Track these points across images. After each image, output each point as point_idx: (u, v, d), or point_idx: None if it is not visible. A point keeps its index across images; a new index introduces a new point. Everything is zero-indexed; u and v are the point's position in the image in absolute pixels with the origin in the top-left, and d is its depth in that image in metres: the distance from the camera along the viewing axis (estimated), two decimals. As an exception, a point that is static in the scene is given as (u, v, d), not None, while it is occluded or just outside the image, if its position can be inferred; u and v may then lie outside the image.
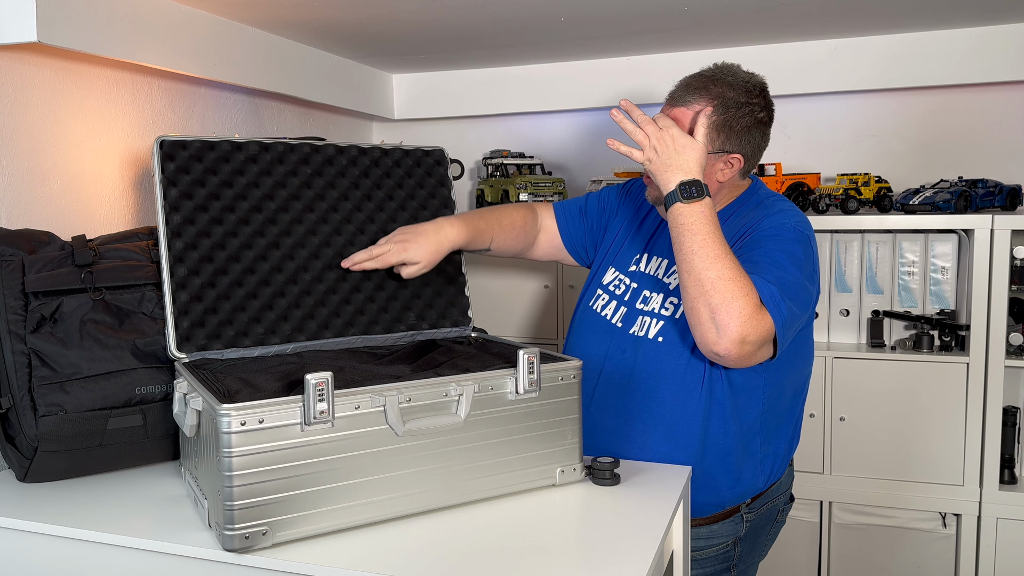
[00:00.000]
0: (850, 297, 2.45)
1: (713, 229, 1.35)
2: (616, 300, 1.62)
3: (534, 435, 1.32)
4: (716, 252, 1.33)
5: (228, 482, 1.09)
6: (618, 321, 1.59)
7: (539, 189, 2.75)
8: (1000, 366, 2.21)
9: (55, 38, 1.54)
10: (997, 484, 2.23)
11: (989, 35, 2.34)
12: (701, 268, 1.33)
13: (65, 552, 1.23)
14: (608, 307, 1.63)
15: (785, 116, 2.69)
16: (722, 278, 1.31)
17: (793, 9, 2.10)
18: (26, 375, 1.34)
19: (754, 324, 1.31)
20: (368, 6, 1.98)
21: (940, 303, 2.37)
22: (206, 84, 2.17)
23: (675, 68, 2.65)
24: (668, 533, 1.24)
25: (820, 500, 2.42)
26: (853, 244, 2.44)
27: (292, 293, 1.52)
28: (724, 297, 1.31)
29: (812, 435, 2.39)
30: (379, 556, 1.10)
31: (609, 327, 1.60)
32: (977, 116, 2.51)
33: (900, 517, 2.35)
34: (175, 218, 1.44)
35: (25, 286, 1.37)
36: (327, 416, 1.14)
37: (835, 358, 2.36)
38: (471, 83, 2.86)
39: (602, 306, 1.64)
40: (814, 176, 2.52)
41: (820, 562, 2.45)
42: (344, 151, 1.64)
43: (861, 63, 2.46)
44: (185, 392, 1.27)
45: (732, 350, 1.31)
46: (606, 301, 1.64)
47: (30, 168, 1.67)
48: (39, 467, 1.36)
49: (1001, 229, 2.18)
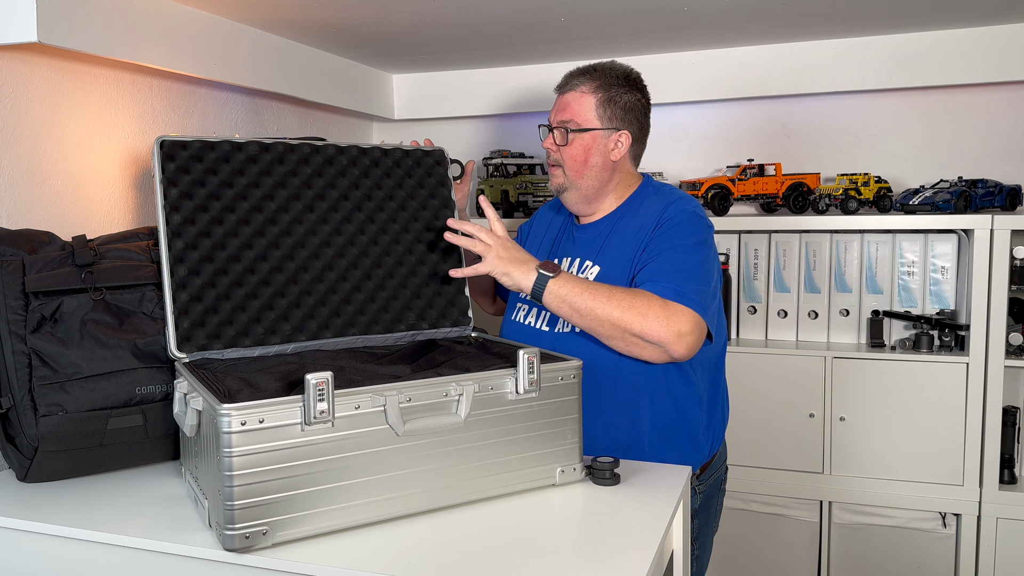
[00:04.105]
0: (850, 297, 2.46)
1: (584, 282, 1.50)
2: (536, 307, 1.70)
3: (534, 435, 1.32)
4: (603, 296, 1.47)
5: (228, 482, 1.09)
6: (543, 325, 1.67)
7: (539, 189, 2.75)
8: (1000, 366, 2.21)
9: (55, 38, 1.54)
10: (997, 484, 2.23)
11: (989, 35, 2.34)
12: (605, 314, 1.47)
13: (65, 552, 1.23)
14: (530, 315, 1.71)
15: (785, 116, 2.70)
16: (624, 309, 1.46)
17: (793, 9, 2.10)
18: (26, 375, 1.34)
19: (675, 319, 1.45)
20: (368, 6, 1.98)
21: (940, 303, 2.37)
22: (206, 84, 2.17)
23: (675, 68, 2.68)
24: (668, 533, 1.24)
25: (820, 500, 2.42)
26: (853, 244, 2.44)
27: (292, 293, 1.52)
28: (637, 320, 1.45)
29: (812, 435, 2.40)
30: (379, 556, 1.10)
31: (534, 332, 1.69)
32: (977, 116, 2.51)
33: (900, 517, 2.35)
34: (175, 218, 1.44)
35: (25, 286, 1.37)
36: (327, 416, 1.14)
37: (835, 358, 2.36)
38: (471, 83, 2.86)
39: (524, 316, 1.73)
40: (814, 176, 2.52)
41: (820, 562, 2.45)
42: (344, 151, 1.64)
43: (861, 63, 2.46)
44: (185, 392, 1.27)
45: (679, 347, 1.45)
46: (527, 311, 1.73)
47: (30, 168, 1.67)
48: (39, 467, 1.36)
49: (1001, 229, 2.18)
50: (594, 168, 1.66)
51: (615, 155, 1.66)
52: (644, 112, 1.70)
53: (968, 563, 2.28)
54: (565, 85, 1.68)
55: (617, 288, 1.50)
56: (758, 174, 2.51)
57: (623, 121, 1.66)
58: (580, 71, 1.68)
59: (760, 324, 2.55)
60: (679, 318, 1.45)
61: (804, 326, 2.50)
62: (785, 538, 2.48)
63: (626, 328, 1.46)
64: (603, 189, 1.69)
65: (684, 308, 1.46)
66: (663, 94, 2.64)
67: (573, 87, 1.67)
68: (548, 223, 1.85)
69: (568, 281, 1.49)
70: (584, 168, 1.65)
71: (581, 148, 1.65)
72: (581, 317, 1.49)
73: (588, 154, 1.65)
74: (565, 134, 1.65)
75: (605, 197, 1.70)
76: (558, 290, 1.48)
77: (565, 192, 1.70)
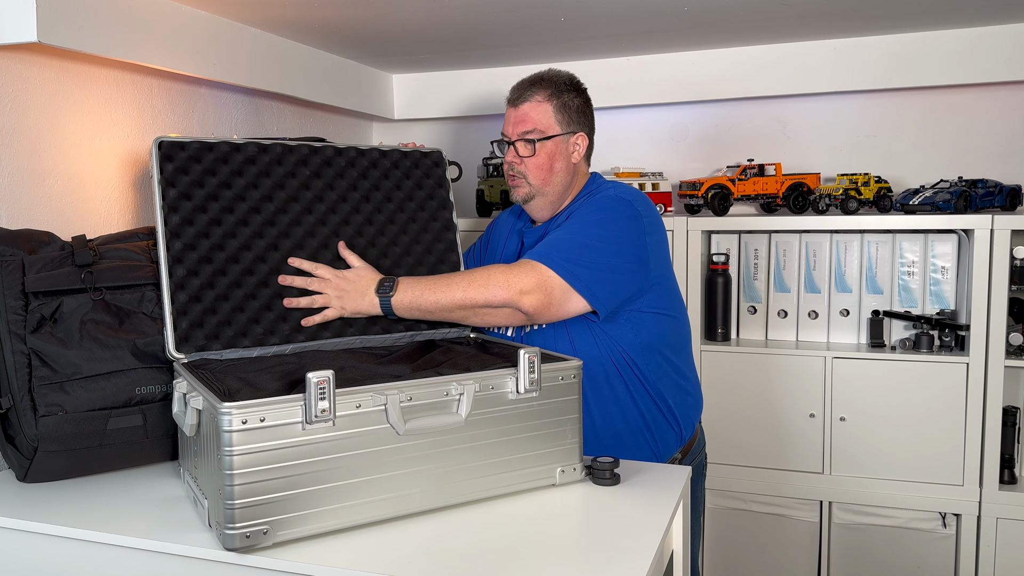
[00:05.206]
0: (850, 297, 2.45)
1: (423, 282, 1.57)
2: None
3: (534, 435, 1.32)
4: (443, 285, 1.55)
5: (229, 481, 1.09)
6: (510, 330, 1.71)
7: (539, 189, 2.75)
8: (1000, 366, 2.21)
9: (55, 38, 1.54)
10: (997, 484, 2.23)
11: (989, 35, 2.34)
12: (449, 300, 1.54)
13: (65, 552, 1.23)
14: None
15: (785, 116, 2.70)
16: (465, 287, 1.53)
17: (793, 9, 2.10)
18: (26, 375, 1.34)
19: (516, 278, 1.52)
20: (368, 6, 1.98)
21: (940, 303, 2.37)
22: (206, 84, 2.17)
23: (675, 68, 2.68)
24: (668, 533, 1.24)
25: (820, 500, 2.42)
26: (853, 244, 2.44)
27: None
28: (479, 292, 1.52)
29: (812, 435, 2.40)
30: (379, 556, 1.10)
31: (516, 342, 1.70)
32: (977, 116, 2.51)
33: (900, 517, 2.35)
34: (174, 219, 1.44)
35: (25, 286, 1.37)
36: (328, 415, 1.14)
37: (835, 358, 2.36)
38: (471, 83, 2.86)
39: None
40: (814, 176, 2.52)
41: (820, 562, 2.45)
42: (342, 152, 1.64)
43: (861, 63, 2.46)
44: (185, 392, 1.27)
45: (526, 303, 1.51)
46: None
47: (30, 168, 1.67)
48: (39, 467, 1.36)
49: (1001, 229, 2.18)
50: (559, 173, 1.71)
51: (575, 157, 1.73)
52: (592, 113, 1.78)
53: (968, 563, 2.27)
54: (518, 98, 1.72)
55: (458, 273, 1.60)
56: (758, 174, 2.51)
57: (578, 124, 1.73)
58: (529, 81, 1.73)
59: (760, 324, 2.55)
60: (521, 277, 1.52)
61: (804, 326, 2.50)
62: (785, 538, 2.48)
63: (472, 303, 1.53)
64: (567, 192, 1.75)
65: (533, 266, 1.53)
66: (663, 94, 2.65)
67: (527, 98, 1.71)
68: (510, 228, 1.88)
69: (408, 288, 1.55)
70: (550, 175, 1.71)
71: (546, 156, 1.70)
72: (435, 314, 1.56)
73: (553, 160, 1.70)
74: (531, 145, 1.69)
75: (567, 199, 1.75)
76: (402, 302, 1.55)
77: (532, 200, 1.74)
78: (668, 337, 1.69)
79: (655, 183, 2.55)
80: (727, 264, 2.51)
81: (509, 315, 1.55)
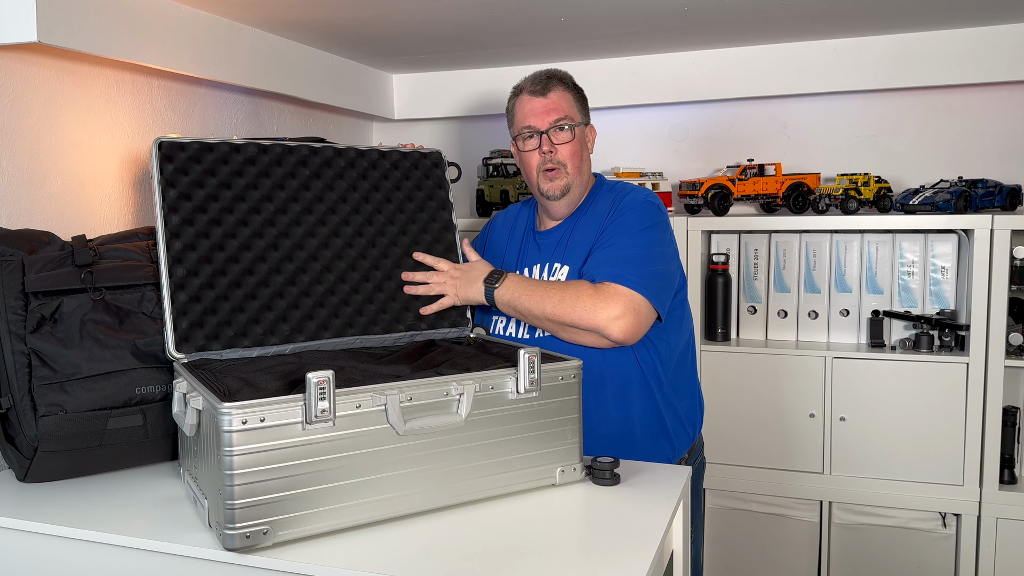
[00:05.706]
0: (850, 297, 2.46)
1: (524, 284, 1.60)
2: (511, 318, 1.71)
3: (534, 435, 1.32)
4: (538, 294, 1.57)
5: (229, 481, 1.09)
6: (524, 334, 1.69)
7: (539, 189, 2.75)
8: (1000, 366, 2.21)
9: (55, 38, 1.54)
10: (997, 484, 2.23)
11: (989, 35, 2.34)
12: (540, 311, 1.56)
13: (65, 552, 1.23)
14: (509, 326, 1.72)
15: (785, 116, 2.70)
16: (556, 303, 1.54)
17: (793, 9, 2.10)
18: (26, 375, 1.34)
19: (604, 304, 1.51)
20: (368, 6, 1.98)
21: (940, 303, 2.37)
22: (206, 84, 2.17)
23: (675, 68, 2.68)
24: (668, 533, 1.24)
25: (820, 500, 2.42)
26: (853, 244, 2.44)
27: (291, 294, 1.52)
28: (568, 311, 1.52)
29: (812, 435, 2.40)
30: (379, 556, 1.10)
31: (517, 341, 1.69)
32: (977, 116, 2.51)
33: (900, 517, 2.35)
34: (173, 219, 1.44)
35: (25, 286, 1.37)
36: (328, 415, 1.14)
37: (835, 358, 2.36)
38: (471, 83, 2.85)
39: (503, 328, 1.73)
40: (814, 176, 2.52)
41: (820, 562, 2.45)
42: (342, 153, 1.64)
43: (861, 63, 2.46)
44: (185, 392, 1.27)
45: (613, 330, 1.50)
46: (505, 323, 1.73)
47: (30, 168, 1.67)
48: (39, 467, 1.36)
49: (1001, 229, 2.18)
50: (586, 162, 1.74)
51: (591, 145, 1.78)
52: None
53: (968, 563, 2.27)
54: (544, 88, 1.70)
55: (552, 283, 1.60)
56: (758, 174, 2.51)
57: (588, 116, 1.78)
58: (547, 75, 1.72)
59: (760, 324, 2.55)
60: (609, 302, 1.50)
61: (804, 326, 2.50)
62: (785, 538, 2.48)
63: (561, 320, 1.54)
64: (588, 182, 1.76)
65: (617, 290, 1.51)
66: (663, 94, 2.65)
67: (552, 88, 1.71)
68: (509, 232, 1.85)
69: (511, 286, 1.59)
70: (581, 163, 1.71)
71: (580, 143, 1.71)
72: (527, 318, 1.59)
73: (583, 148, 1.73)
74: (569, 131, 1.68)
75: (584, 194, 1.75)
76: (503, 296, 1.60)
77: (567, 193, 1.70)
78: (687, 338, 1.72)
79: (655, 183, 2.55)
80: (727, 264, 2.51)
81: (596, 340, 1.55)
